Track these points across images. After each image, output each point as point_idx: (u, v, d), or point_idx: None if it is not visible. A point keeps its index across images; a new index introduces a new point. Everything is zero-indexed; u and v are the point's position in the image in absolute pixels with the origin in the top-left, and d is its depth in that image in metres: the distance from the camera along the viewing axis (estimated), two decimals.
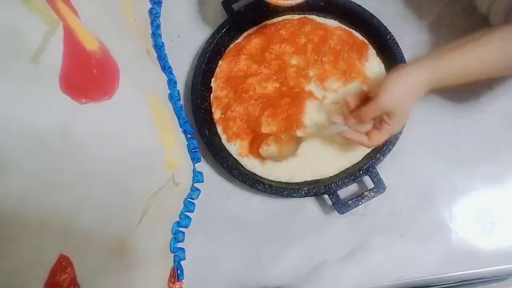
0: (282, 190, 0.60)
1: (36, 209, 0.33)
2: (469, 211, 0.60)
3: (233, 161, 0.64)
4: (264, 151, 0.62)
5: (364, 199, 0.58)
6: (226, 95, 0.68)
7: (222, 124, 0.67)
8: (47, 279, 0.33)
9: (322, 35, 0.69)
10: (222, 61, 0.71)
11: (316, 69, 0.67)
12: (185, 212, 0.61)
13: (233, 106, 0.67)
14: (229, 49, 0.71)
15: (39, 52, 0.33)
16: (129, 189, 0.46)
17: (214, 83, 0.70)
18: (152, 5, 0.73)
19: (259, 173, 0.63)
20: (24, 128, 0.31)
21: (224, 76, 0.69)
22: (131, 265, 0.48)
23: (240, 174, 0.62)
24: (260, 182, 0.61)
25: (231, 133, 0.65)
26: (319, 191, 0.59)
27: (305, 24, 0.70)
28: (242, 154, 0.64)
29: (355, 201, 0.58)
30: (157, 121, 0.53)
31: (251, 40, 0.71)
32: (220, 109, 0.68)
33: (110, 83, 0.42)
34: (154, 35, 0.71)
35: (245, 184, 0.61)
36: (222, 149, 0.65)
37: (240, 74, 0.69)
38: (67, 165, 0.35)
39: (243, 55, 0.70)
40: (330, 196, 0.59)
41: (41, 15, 0.33)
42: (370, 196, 0.58)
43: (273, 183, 0.62)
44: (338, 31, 0.69)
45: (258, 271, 0.60)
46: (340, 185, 0.59)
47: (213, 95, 0.69)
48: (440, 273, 0.58)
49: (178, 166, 0.58)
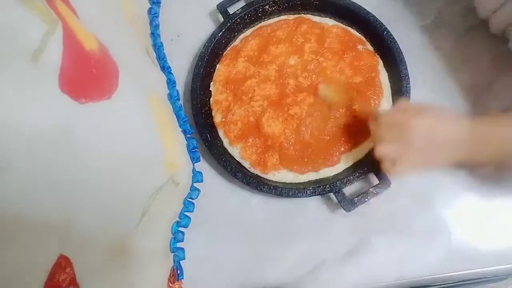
0: (287, 190, 0.60)
1: (36, 209, 0.33)
2: (469, 211, 0.60)
3: (236, 164, 0.64)
4: (322, 90, 0.62)
5: (369, 195, 0.58)
6: (226, 98, 0.68)
7: (223, 128, 0.66)
8: (46, 279, 0.33)
9: (319, 34, 0.69)
10: (220, 64, 0.71)
11: (315, 68, 0.67)
12: (185, 212, 0.61)
13: (233, 109, 0.66)
14: (226, 52, 0.71)
15: (39, 52, 0.33)
16: (129, 189, 0.46)
17: (213, 87, 0.70)
18: (151, 5, 0.73)
19: (263, 175, 0.63)
20: (24, 128, 0.31)
21: (223, 80, 0.69)
22: (131, 265, 0.48)
23: (244, 176, 0.61)
24: (265, 183, 0.61)
25: (232, 136, 0.65)
26: (324, 189, 0.59)
27: (301, 23, 0.70)
28: (245, 157, 0.64)
29: (361, 198, 0.58)
30: (156, 120, 0.53)
31: (248, 42, 0.71)
32: (221, 113, 0.67)
33: (109, 83, 0.42)
34: (153, 35, 0.70)
35: (249, 186, 0.61)
36: (225, 152, 0.65)
37: (238, 77, 0.69)
38: (66, 165, 0.35)
39: (241, 58, 0.70)
40: (336, 194, 0.58)
41: (40, 14, 0.33)
42: (376, 192, 0.58)
43: (278, 184, 0.62)
44: (335, 29, 0.69)
45: (258, 271, 0.60)
46: (346, 183, 0.59)
47: (213, 99, 0.69)
48: (440, 273, 0.58)
49: (178, 165, 0.58)
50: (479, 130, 0.50)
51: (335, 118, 0.64)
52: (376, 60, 0.67)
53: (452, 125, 0.51)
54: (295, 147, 0.63)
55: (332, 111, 0.64)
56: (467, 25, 0.68)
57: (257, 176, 0.63)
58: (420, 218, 0.60)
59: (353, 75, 0.66)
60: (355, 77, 0.66)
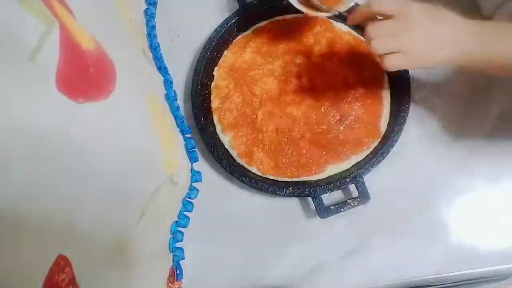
0: (267, 186, 0.60)
1: (34, 209, 0.33)
2: (469, 211, 0.60)
3: (224, 152, 0.64)
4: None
5: (346, 206, 0.58)
6: (227, 86, 0.68)
7: (218, 114, 0.66)
8: (45, 279, 0.33)
9: (331, 38, 0.68)
10: (227, 51, 0.71)
11: (319, 71, 0.66)
12: (184, 211, 0.61)
13: (232, 97, 0.66)
14: (236, 40, 0.71)
15: (36, 52, 0.33)
16: (128, 189, 0.46)
17: (216, 72, 0.70)
18: (147, 6, 0.73)
19: (248, 167, 0.63)
20: (22, 128, 0.31)
21: (228, 66, 0.69)
22: (130, 265, 0.48)
23: (229, 165, 0.61)
24: (248, 176, 0.61)
25: (226, 123, 0.65)
26: (303, 192, 0.59)
27: (316, 24, 0.69)
28: (233, 146, 0.64)
29: (337, 207, 0.58)
30: (154, 120, 0.53)
31: (259, 34, 0.70)
32: (219, 99, 0.67)
33: (107, 83, 0.42)
34: (150, 36, 0.71)
35: (232, 175, 0.61)
36: (215, 138, 0.65)
37: (243, 66, 0.68)
38: (64, 165, 0.35)
39: (249, 48, 0.69)
40: (313, 199, 0.59)
41: (37, 14, 0.33)
42: (353, 204, 0.58)
43: (259, 178, 0.62)
44: (347, 36, 0.68)
45: (257, 271, 0.60)
46: (325, 190, 0.59)
47: (214, 84, 0.69)
48: (440, 273, 0.57)
49: (176, 165, 0.58)
50: (481, 35, 0.49)
51: (329, 125, 0.63)
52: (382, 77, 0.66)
53: (452, 24, 0.50)
54: (285, 146, 0.63)
55: (328, 117, 0.64)
56: None
57: (241, 166, 0.63)
58: (420, 218, 0.60)
59: (356, 84, 0.65)
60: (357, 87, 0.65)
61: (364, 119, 0.63)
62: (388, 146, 0.60)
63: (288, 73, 0.67)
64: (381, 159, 0.59)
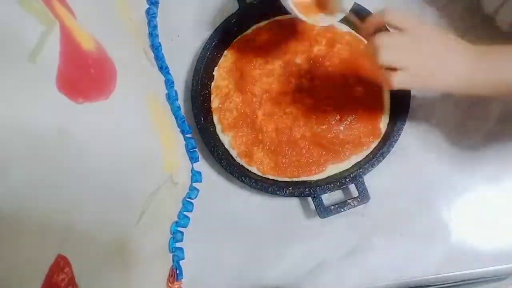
0: (267, 186, 0.60)
1: (34, 209, 0.33)
2: (469, 211, 0.60)
3: (224, 151, 0.64)
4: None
5: (346, 206, 0.58)
6: (227, 86, 0.68)
7: (218, 114, 0.67)
8: (44, 279, 0.33)
9: (331, 38, 0.68)
10: (228, 51, 0.71)
11: (319, 71, 0.66)
12: (184, 211, 0.61)
13: (232, 97, 0.67)
14: (236, 40, 0.71)
15: (36, 52, 0.33)
16: (128, 189, 0.46)
17: (217, 72, 0.70)
18: (149, 6, 0.73)
19: (248, 167, 0.63)
20: (22, 128, 0.31)
21: (228, 66, 0.69)
22: (130, 265, 0.48)
23: (229, 165, 0.62)
24: (248, 175, 0.61)
25: (226, 123, 0.66)
26: (303, 192, 0.59)
27: (315, 24, 0.69)
28: (233, 146, 0.64)
29: (337, 207, 0.58)
30: (154, 120, 0.53)
31: (260, 34, 0.70)
32: (219, 99, 0.68)
33: (107, 83, 0.42)
34: (151, 36, 0.70)
35: (232, 175, 0.61)
36: (215, 138, 0.65)
37: (244, 66, 0.68)
38: (64, 165, 0.35)
39: (250, 48, 0.69)
40: (313, 199, 0.59)
41: (38, 15, 0.33)
42: (353, 204, 0.58)
43: (259, 178, 0.62)
44: (348, 36, 0.68)
45: (257, 271, 0.60)
46: (325, 190, 0.59)
47: (214, 84, 0.69)
48: (440, 273, 0.57)
49: (176, 165, 0.58)
50: (482, 62, 0.48)
51: (329, 125, 0.63)
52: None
53: (462, 55, 0.48)
54: (285, 146, 0.63)
55: (328, 117, 0.63)
56: (467, 25, 0.67)
57: (241, 166, 0.63)
58: (420, 218, 0.60)
59: (356, 84, 0.65)
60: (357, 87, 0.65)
61: (364, 119, 0.63)
62: (388, 146, 0.60)
63: (288, 73, 0.67)
64: (381, 159, 0.59)
